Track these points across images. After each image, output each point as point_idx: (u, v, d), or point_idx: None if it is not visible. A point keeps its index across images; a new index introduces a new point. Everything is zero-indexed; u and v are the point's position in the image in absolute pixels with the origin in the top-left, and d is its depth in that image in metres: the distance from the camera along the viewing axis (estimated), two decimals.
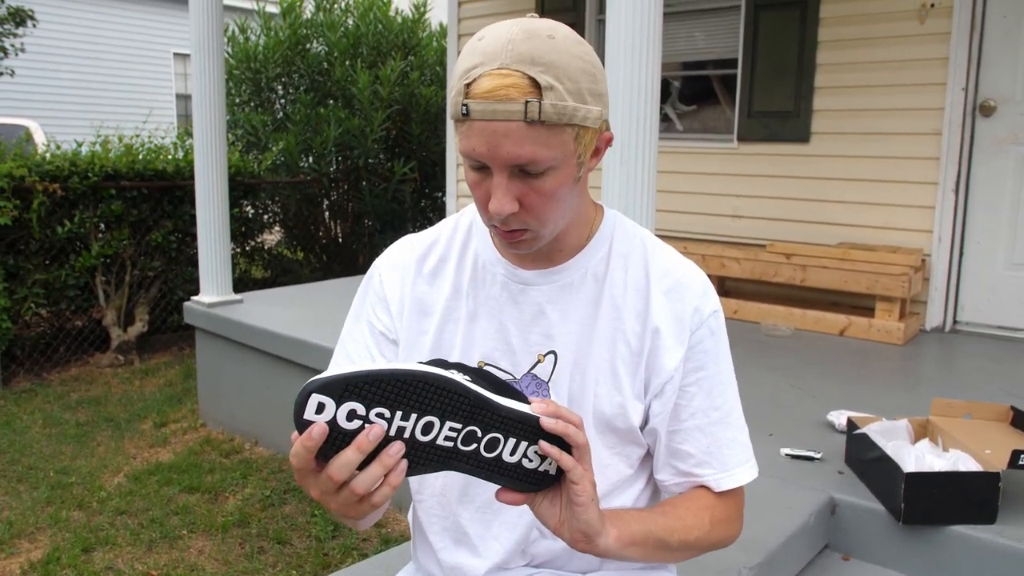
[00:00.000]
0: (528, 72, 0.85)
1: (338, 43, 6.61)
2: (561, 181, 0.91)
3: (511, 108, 0.85)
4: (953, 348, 3.59)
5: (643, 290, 1.02)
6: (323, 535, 2.93)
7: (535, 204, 0.91)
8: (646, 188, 2.33)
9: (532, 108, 0.85)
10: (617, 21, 2.27)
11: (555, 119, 0.86)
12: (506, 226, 0.93)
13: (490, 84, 0.85)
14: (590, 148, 0.94)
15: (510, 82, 0.85)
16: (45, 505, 3.19)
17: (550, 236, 0.97)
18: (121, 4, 12.11)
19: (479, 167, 0.91)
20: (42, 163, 4.66)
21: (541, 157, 0.87)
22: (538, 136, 0.86)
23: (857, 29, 3.95)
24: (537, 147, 0.87)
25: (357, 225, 6.92)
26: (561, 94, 0.86)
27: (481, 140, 0.87)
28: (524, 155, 0.87)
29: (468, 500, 1.06)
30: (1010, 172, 3.68)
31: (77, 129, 9.49)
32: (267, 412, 3.69)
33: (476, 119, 0.86)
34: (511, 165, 0.88)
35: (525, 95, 0.85)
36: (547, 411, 0.83)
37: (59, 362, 5.00)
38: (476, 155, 0.89)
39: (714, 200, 4.54)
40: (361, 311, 1.12)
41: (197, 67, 3.81)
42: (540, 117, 0.85)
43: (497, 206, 0.89)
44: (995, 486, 1.78)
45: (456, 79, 0.89)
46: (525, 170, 0.89)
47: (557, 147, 0.88)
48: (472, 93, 0.86)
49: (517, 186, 0.90)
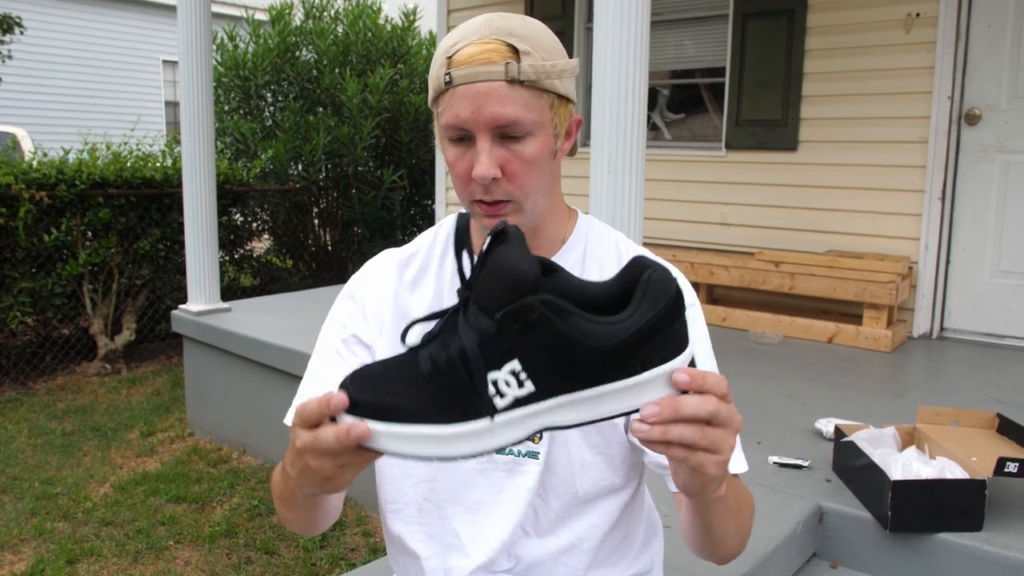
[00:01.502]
0: (507, 40, 0.91)
1: (327, 51, 6.61)
2: (540, 149, 0.95)
3: (493, 69, 0.90)
4: (940, 355, 3.61)
5: None
6: (311, 545, 2.91)
7: (517, 171, 0.94)
8: (634, 196, 2.33)
9: (512, 68, 0.90)
10: (605, 29, 2.27)
11: (534, 78, 0.91)
12: (489, 195, 0.94)
13: (471, 51, 0.91)
14: (564, 124, 0.98)
15: (491, 47, 0.91)
16: (30, 516, 3.15)
17: (531, 212, 0.98)
18: (110, 11, 12.07)
19: (460, 138, 0.94)
20: (29, 171, 4.63)
21: (523, 118, 0.92)
22: (519, 96, 0.91)
23: (844, 38, 3.98)
24: (518, 108, 0.91)
25: (346, 233, 6.90)
26: (537, 60, 0.92)
27: (465, 104, 0.91)
28: (507, 114, 0.91)
29: (459, 502, 1.05)
30: (995, 180, 3.71)
31: (65, 136, 9.44)
32: (255, 421, 3.67)
33: (459, 83, 0.91)
34: (494, 127, 0.92)
35: (505, 58, 0.91)
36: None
37: (45, 371, 4.96)
38: (459, 121, 0.92)
39: (703, 208, 4.56)
40: (335, 316, 1.12)
41: (185, 74, 3.80)
42: (520, 76, 0.90)
43: (482, 169, 0.92)
44: (981, 493, 1.79)
45: (437, 58, 0.95)
46: (507, 134, 0.93)
47: (536, 111, 0.93)
48: (454, 62, 0.92)
49: (499, 152, 0.93)
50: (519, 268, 0.67)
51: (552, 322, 0.66)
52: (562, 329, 0.66)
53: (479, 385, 0.68)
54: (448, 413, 0.69)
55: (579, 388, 0.67)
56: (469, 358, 0.68)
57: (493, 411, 0.68)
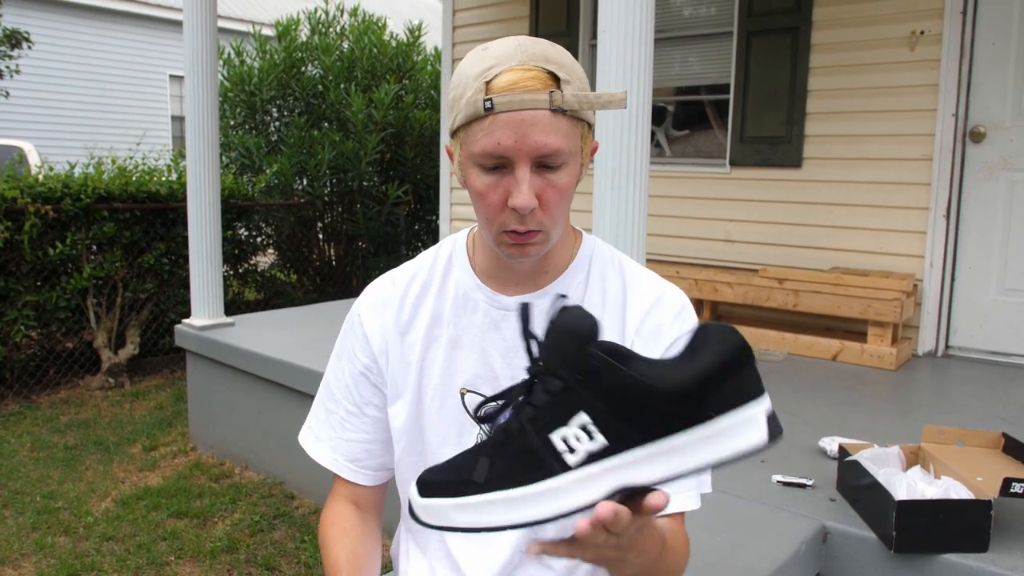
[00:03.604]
0: (545, 67, 0.90)
1: (333, 66, 6.65)
2: (572, 178, 0.94)
3: (537, 97, 0.88)
4: (945, 373, 3.59)
5: (620, 310, 1.03)
6: (312, 561, 2.90)
7: (551, 200, 0.93)
8: (638, 213, 2.33)
9: (556, 97, 0.89)
10: (608, 46, 2.28)
11: (576, 108, 0.90)
12: (524, 225, 0.92)
13: (513, 77, 0.89)
14: (588, 152, 0.98)
15: (532, 75, 0.89)
16: (31, 531, 3.14)
17: (554, 241, 0.98)
18: (117, 26, 12.17)
19: (495, 167, 0.91)
20: (34, 185, 4.65)
21: (563, 148, 0.90)
22: (560, 126, 0.90)
23: (848, 56, 3.99)
24: (560, 137, 0.90)
25: (351, 248, 6.92)
26: (576, 89, 0.91)
27: (507, 131, 0.88)
28: (551, 144, 0.89)
29: None
30: (1000, 197, 3.70)
31: (72, 150, 9.50)
32: (258, 436, 3.66)
33: (501, 111, 0.88)
34: (536, 156, 0.90)
35: (547, 86, 0.89)
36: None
37: (49, 384, 4.96)
38: (500, 149, 0.89)
39: (707, 225, 4.56)
40: (342, 350, 1.14)
41: (191, 88, 3.82)
42: (564, 106, 0.88)
43: (524, 200, 0.89)
44: (987, 514, 1.77)
45: (469, 81, 0.91)
46: (545, 163, 0.91)
47: (574, 140, 0.92)
48: (494, 87, 0.89)
49: (536, 181, 0.91)
50: (579, 323, 0.68)
51: (613, 368, 0.66)
52: (624, 374, 0.66)
53: (547, 444, 0.67)
54: (521, 476, 0.68)
55: (653, 439, 0.66)
56: (538, 419, 0.68)
57: (564, 467, 0.67)
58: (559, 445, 0.67)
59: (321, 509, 3.26)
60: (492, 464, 0.69)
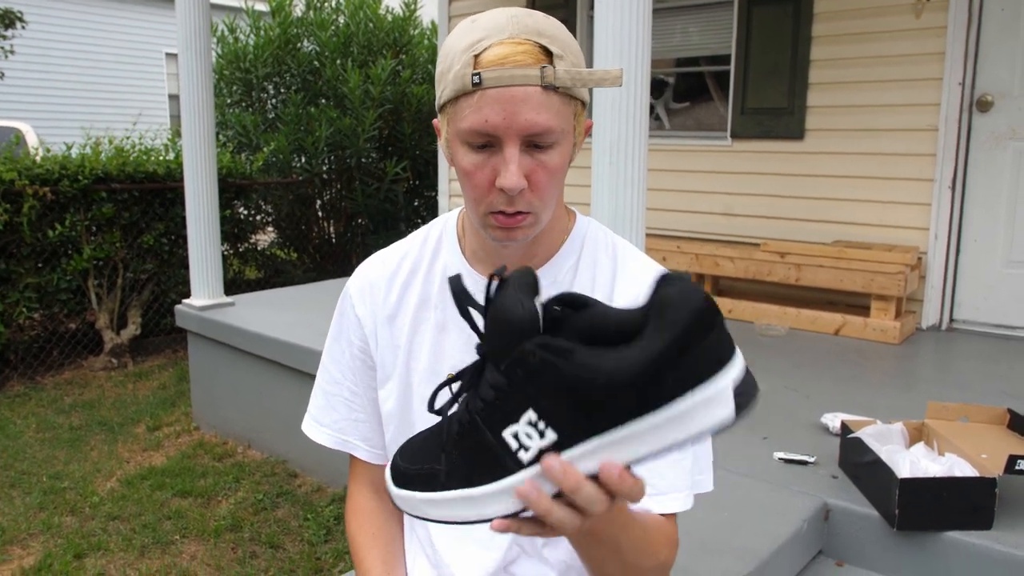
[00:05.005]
0: (538, 41, 0.85)
1: (328, 42, 6.57)
2: (563, 158, 0.90)
3: (528, 73, 0.83)
4: (950, 347, 3.57)
5: (608, 297, 1.00)
6: (316, 539, 2.91)
7: (541, 181, 0.89)
8: (637, 187, 2.30)
9: (548, 73, 0.84)
10: (606, 16, 2.24)
11: (569, 85, 0.85)
12: (512, 206, 0.88)
13: (503, 51, 0.84)
14: (581, 131, 0.93)
15: (523, 49, 0.84)
16: (38, 511, 3.16)
17: (543, 224, 0.94)
18: (112, 4, 12.04)
19: (483, 145, 0.87)
20: (32, 167, 4.62)
21: (554, 127, 0.86)
22: (552, 104, 0.85)
23: (851, 24, 3.92)
24: (551, 115, 0.85)
25: (350, 225, 6.89)
26: (570, 65, 0.86)
27: (496, 108, 0.84)
28: (541, 122, 0.85)
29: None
30: (1008, 168, 3.65)
31: (69, 130, 9.42)
32: (260, 415, 3.66)
33: (490, 87, 0.83)
34: (525, 135, 0.85)
35: (539, 61, 0.84)
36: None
37: (52, 366, 4.97)
38: (489, 127, 0.85)
39: (707, 198, 4.52)
40: (339, 332, 1.12)
41: (185, 67, 3.78)
42: (555, 83, 0.84)
43: (512, 180, 0.85)
44: (991, 492, 1.76)
45: (457, 55, 0.86)
46: (535, 143, 0.87)
47: (565, 119, 0.88)
48: (483, 62, 0.84)
49: (526, 161, 0.87)
50: (513, 315, 0.64)
51: (553, 365, 0.62)
52: (566, 370, 0.62)
53: (501, 441, 0.65)
54: (479, 474, 0.67)
55: (607, 428, 0.63)
56: (488, 415, 0.66)
57: (519, 465, 0.65)
58: (512, 443, 0.65)
59: (323, 487, 3.29)
60: (451, 459, 0.68)
